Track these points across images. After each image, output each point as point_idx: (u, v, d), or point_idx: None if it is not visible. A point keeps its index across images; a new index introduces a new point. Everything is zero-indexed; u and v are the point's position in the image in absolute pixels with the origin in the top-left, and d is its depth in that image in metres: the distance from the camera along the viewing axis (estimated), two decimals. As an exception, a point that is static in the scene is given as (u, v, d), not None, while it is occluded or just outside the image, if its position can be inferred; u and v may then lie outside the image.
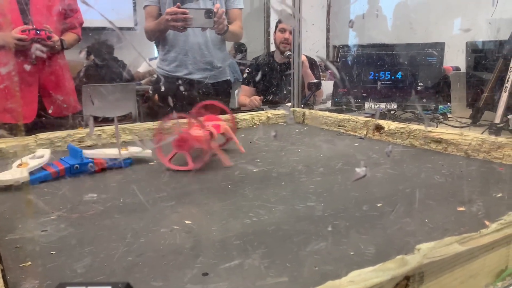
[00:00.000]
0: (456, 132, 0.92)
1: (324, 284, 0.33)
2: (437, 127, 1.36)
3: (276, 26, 2.38)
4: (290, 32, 2.23)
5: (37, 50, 1.58)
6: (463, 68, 1.63)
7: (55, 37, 1.64)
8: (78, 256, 0.47)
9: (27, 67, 1.62)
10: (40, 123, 1.68)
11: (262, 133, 1.17)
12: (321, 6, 4.83)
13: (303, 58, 1.85)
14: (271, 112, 1.33)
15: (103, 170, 0.80)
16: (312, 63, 2.33)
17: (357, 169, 0.57)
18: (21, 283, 0.41)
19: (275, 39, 2.35)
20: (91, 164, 0.79)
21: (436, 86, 1.55)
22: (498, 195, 0.64)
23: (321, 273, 0.42)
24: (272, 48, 2.58)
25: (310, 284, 0.40)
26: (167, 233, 0.53)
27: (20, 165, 0.74)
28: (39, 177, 0.73)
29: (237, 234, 0.52)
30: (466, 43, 1.54)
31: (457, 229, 0.52)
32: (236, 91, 2.51)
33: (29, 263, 0.45)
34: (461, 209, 0.59)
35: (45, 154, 0.78)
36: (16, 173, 0.70)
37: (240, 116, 1.25)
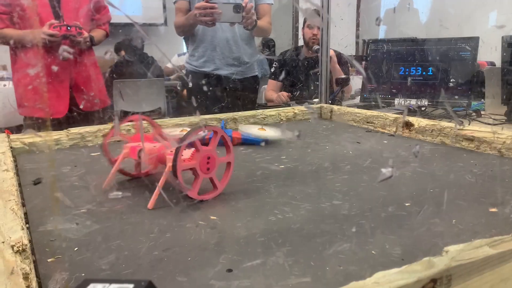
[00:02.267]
0: (489, 130, 0.89)
1: (348, 284, 0.32)
2: (469, 124, 1.33)
3: (304, 22, 2.36)
4: (319, 28, 2.21)
5: (64, 51, 1.62)
6: (498, 64, 1.58)
7: (85, 34, 1.69)
8: (106, 250, 0.48)
9: (68, 53, 1.67)
10: (71, 118, 1.73)
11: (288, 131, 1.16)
12: (348, 3, 4.75)
13: (331, 53, 1.83)
14: (298, 108, 1.32)
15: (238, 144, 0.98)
16: (340, 57, 2.30)
17: (383, 170, 0.56)
18: (51, 274, 0.43)
19: (303, 35, 2.34)
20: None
21: (469, 82, 1.51)
22: (533, 197, 0.61)
23: (345, 273, 0.41)
24: (300, 43, 2.56)
25: (334, 285, 0.39)
26: (193, 229, 0.53)
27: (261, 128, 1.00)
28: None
29: (262, 231, 0.52)
30: (502, 38, 1.49)
31: (488, 231, 0.50)
32: (263, 86, 2.50)
33: (59, 256, 0.47)
34: (493, 210, 0.57)
35: None
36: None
37: (267, 112, 1.25)
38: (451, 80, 1.52)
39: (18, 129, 2.22)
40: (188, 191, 0.60)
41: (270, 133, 0.99)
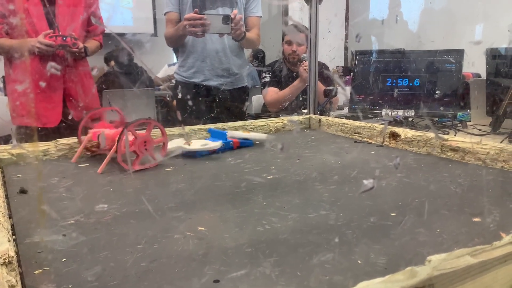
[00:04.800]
0: (474, 141, 0.90)
1: (332, 294, 0.33)
2: (455, 135, 1.35)
3: (283, 38, 2.38)
4: (297, 44, 2.25)
5: (52, 68, 1.63)
6: (484, 75, 1.61)
7: (80, 44, 1.69)
8: (93, 261, 0.48)
9: (55, 69, 1.67)
10: (64, 127, 1.73)
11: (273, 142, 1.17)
12: (334, 14, 4.80)
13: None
14: (287, 119, 1.33)
15: (238, 147, 1.05)
16: (323, 68, 2.32)
17: (365, 181, 0.57)
18: (38, 286, 0.43)
19: (283, 51, 2.35)
20: (231, 142, 1.05)
21: (455, 93, 1.53)
22: (515, 206, 0.63)
23: (330, 283, 0.42)
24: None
25: (319, 294, 0.40)
26: (181, 240, 0.53)
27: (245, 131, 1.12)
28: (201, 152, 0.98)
29: (249, 242, 0.52)
30: (486, 50, 1.52)
31: (471, 240, 0.51)
32: (263, 91, 2.46)
33: (46, 268, 0.47)
34: (477, 219, 0.58)
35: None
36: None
37: (256, 122, 1.26)
38: (437, 92, 1.54)
39: (6, 139, 2.20)
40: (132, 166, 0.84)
41: (254, 134, 1.09)
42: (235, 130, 1.15)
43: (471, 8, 3.51)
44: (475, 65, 1.79)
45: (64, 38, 1.63)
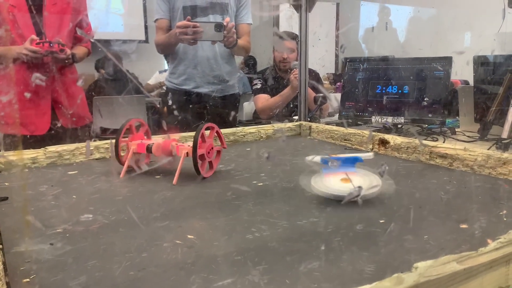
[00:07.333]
0: (461, 148, 0.91)
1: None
2: (444, 141, 1.36)
3: (274, 46, 2.40)
4: (287, 51, 2.26)
5: (37, 79, 1.62)
6: (471, 82, 1.63)
7: (68, 51, 1.68)
8: (81, 270, 0.47)
9: (40, 80, 1.65)
10: (53, 135, 1.71)
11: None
12: (320, 24, 4.83)
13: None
14: (277, 125, 1.34)
15: None
16: (313, 75, 2.34)
17: (350, 189, 0.58)
18: (24, 296, 0.42)
19: (274, 58, 2.37)
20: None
21: (443, 100, 1.55)
22: (502, 213, 0.63)
23: (318, 290, 0.42)
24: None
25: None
26: (170, 248, 0.53)
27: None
28: None
29: (239, 250, 0.52)
30: (474, 57, 1.54)
31: (458, 247, 0.51)
32: (252, 99, 2.46)
33: (33, 276, 0.46)
34: (464, 226, 0.58)
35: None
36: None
37: (247, 129, 1.26)
38: (426, 99, 1.56)
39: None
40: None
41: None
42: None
43: (458, 17, 3.56)
44: (462, 72, 1.81)
45: (51, 44, 1.62)
